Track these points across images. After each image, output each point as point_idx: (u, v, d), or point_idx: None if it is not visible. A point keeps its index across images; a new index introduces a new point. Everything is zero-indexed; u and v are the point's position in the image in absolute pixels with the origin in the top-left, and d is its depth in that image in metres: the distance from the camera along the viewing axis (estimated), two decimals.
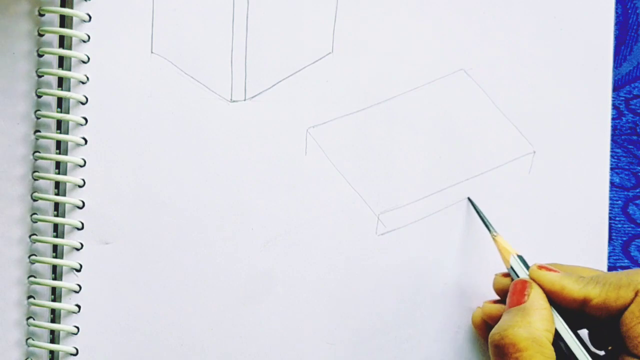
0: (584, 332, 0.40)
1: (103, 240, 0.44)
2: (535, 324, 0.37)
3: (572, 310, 0.38)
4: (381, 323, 0.44)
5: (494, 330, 0.38)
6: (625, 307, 0.37)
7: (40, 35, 0.43)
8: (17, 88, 0.44)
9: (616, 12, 0.47)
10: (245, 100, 0.44)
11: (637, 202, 0.47)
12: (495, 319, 0.40)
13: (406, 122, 0.45)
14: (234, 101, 0.44)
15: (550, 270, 0.39)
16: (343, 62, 0.45)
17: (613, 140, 0.47)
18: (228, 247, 0.44)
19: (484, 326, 0.43)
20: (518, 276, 0.40)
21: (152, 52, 0.44)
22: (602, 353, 0.40)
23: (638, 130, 0.47)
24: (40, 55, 0.43)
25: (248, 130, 0.44)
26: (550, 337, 0.37)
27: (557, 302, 0.38)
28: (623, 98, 0.48)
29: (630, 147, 0.47)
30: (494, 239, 0.42)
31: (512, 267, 0.41)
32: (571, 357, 0.37)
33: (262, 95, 0.44)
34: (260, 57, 0.44)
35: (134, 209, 0.44)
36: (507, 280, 0.42)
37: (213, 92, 0.44)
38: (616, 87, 0.48)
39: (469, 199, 0.45)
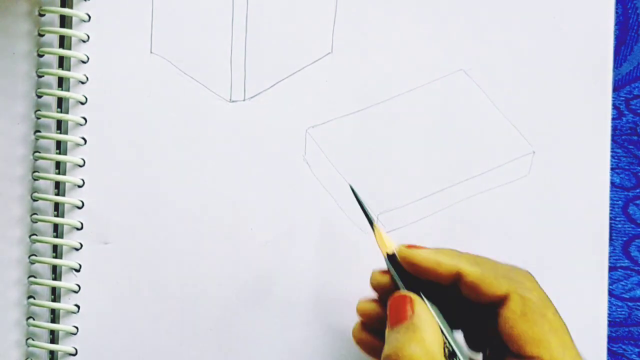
0: (459, 335, 0.38)
1: (102, 240, 0.44)
2: (428, 340, 0.35)
3: (447, 292, 0.37)
4: None
5: (387, 351, 0.35)
6: (497, 299, 0.35)
7: (40, 35, 0.44)
8: (17, 88, 0.44)
9: (616, 12, 0.47)
10: (244, 100, 0.44)
11: (637, 202, 0.47)
12: (372, 318, 0.39)
13: (405, 122, 0.45)
14: (233, 101, 0.44)
15: (418, 247, 0.38)
16: (342, 62, 0.45)
17: (613, 141, 0.47)
18: (228, 247, 0.44)
19: (366, 338, 0.40)
20: (396, 282, 0.38)
21: (151, 52, 0.44)
22: (479, 356, 0.39)
23: (638, 130, 0.47)
24: (40, 55, 0.44)
25: (247, 130, 0.44)
26: (443, 350, 0.36)
27: (432, 278, 0.37)
28: (623, 98, 0.47)
29: (631, 147, 0.47)
30: (374, 230, 0.39)
31: (388, 266, 0.39)
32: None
33: (262, 95, 0.44)
34: (260, 57, 0.44)
35: (133, 209, 0.44)
36: (385, 277, 0.39)
37: (212, 92, 0.44)
38: (616, 87, 0.47)
39: (350, 186, 0.41)
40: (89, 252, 0.44)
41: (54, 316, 0.44)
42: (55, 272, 0.44)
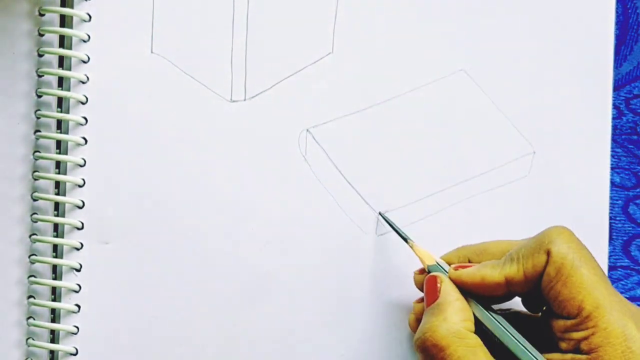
0: (516, 299, 0.40)
1: (103, 240, 0.44)
2: (451, 318, 0.37)
3: (503, 296, 0.38)
4: (382, 323, 0.44)
5: (416, 335, 0.38)
6: (543, 271, 0.36)
7: (40, 35, 0.43)
8: (17, 88, 0.44)
9: (616, 12, 0.47)
10: (245, 100, 0.44)
11: (637, 201, 0.47)
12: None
13: (406, 122, 0.45)
14: (234, 101, 0.44)
15: (466, 266, 0.39)
16: (343, 62, 0.45)
17: (613, 140, 0.47)
18: (228, 247, 0.44)
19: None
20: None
21: (152, 52, 0.44)
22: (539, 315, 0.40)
23: (638, 129, 0.47)
24: (40, 55, 0.44)
25: (248, 130, 0.44)
26: (470, 325, 0.37)
27: (484, 293, 0.38)
28: (623, 98, 0.48)
29: (631, 146, 0.47)
30: (411, 247, 0.42)
31: (428, 270, 0.41)
32: (495, 335, 0.37)
33: (262, 95, 0.44)
34: (261, 57, 0.44)
35: (133, 209, 0.44)
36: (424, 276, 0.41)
37: (213, 92, 0.44)
38: (616, 87, 0.48)
39: (380, 213, 0.44)
40: (89, 252, 0.44)
41: (54, 316, 0.44)
42: (56, 272, 0.44)
